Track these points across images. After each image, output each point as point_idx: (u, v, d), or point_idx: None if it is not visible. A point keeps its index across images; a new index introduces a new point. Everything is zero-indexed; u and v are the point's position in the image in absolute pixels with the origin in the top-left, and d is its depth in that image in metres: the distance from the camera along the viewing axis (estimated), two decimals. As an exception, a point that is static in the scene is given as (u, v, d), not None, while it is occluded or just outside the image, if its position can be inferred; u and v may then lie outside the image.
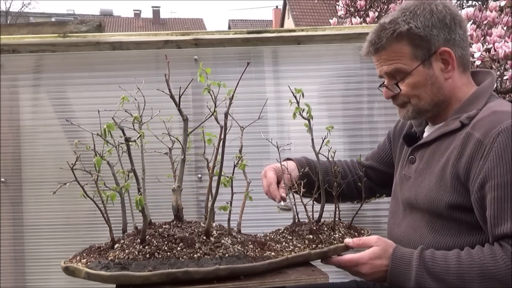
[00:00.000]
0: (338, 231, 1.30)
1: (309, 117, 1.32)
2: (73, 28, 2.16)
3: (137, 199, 1.04)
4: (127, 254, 1.05)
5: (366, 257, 1.16)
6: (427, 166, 1.24)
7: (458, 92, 1.25)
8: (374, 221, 1.91)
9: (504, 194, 1.05)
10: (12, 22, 20.01)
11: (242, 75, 1.15)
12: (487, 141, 1.09)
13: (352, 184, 1.52)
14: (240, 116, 1.35)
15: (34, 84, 1.91)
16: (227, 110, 1.12)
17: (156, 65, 1.90)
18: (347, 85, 1.90)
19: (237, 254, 1.09)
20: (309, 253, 1.19)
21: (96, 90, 1.89)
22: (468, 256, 1.09)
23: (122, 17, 35.28)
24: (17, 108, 1.91)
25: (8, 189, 1.91)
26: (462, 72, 1.26)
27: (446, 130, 1.21)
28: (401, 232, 1.29)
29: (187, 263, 1.03)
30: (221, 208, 1.15)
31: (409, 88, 1.24)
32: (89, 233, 1.90)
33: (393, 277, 1.15)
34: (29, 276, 1.92)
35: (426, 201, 1.20)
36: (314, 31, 1.89)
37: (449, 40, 1.22)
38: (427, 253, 1.13)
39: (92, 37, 1.90)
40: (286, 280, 1.09)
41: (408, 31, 1.21)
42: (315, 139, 1.40)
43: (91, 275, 1.02)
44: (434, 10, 1.22)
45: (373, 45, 1.26)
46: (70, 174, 1.14)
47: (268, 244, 1.20)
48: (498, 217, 1.06)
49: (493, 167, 1.07)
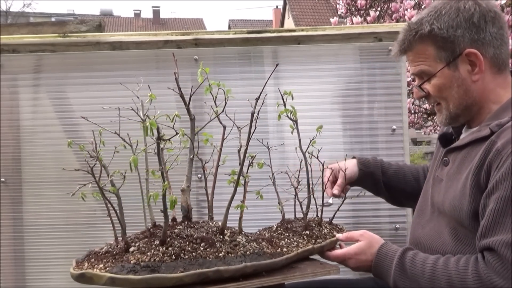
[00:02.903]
0: (325, 227, 1.37)
1: (295, 119, 1.37)
2: (73, 28, 2.15)
3: (172, 199, 1.03)
4: (151, 257, 1.03)
5: (352, 252, 1.24)
6: (457, 171, 1.19)
7: (490, 95, 1.19)
8: (374, 221, 1.91)
9: (504, 208, 1.02)
10: (12, 22, 20.00)
11: (271, 76, 1.21)
12: (505, 151, 1.04)
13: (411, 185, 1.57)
14: (240, 116, 1.35)
15: (34, 84, 1.90)
16: (253, 109, 1.13)
17: (156, 65, 1.90)
18: (347, 85, 1.90)
19: (256, 251, 1.12)
20: (312, 247, 1.25)
21: (96, 90, 1.89)
22: (444, 264, 1.09)
23: (122, 17, 35.28)
24: (17, 108, 1.91)
25: (8, 189, 1.90)
26: (497, 72, 1.19)
27: (477, 136, 1.16)
28: (425, 235, 1.27)
29: (215, 262, 1.04)
30: (237, 207, 1.16)
31: (435, 90, 1.22)
32: (89, 233, 1.90)
33: (376, 273, 1.22)
34: (29, 276, 1.92)
35: (450, 208, 1.16)
36: (314, 31, 1.89)
37: (476, 40, 1.16)
38: (409, 254, 1.16)
39: (92, 37, 1.90)
40: (305, 274, 1.14)
41: (429, 33, 1.17)
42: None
43: (117, 280, 0.98)
44: (461, 9, 1.16)
45: (399, 46, 1.24)
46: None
47: (274, 241, 1.23)
48: (489, 228, 1.03)
49: (502, 179, 1.03)
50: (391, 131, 1.90)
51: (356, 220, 1.90)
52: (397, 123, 1.90)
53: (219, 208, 1.35)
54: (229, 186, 1.27)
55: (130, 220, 1.14)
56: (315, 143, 1.39)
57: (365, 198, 1.88)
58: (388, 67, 1.87)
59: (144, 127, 1.10)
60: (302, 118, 1.82)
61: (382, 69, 1.88)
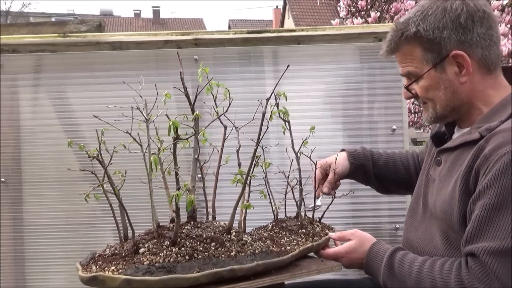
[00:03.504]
0: (317, 226, 1.40)
1: (287, 119, 1.38)
2: (73, 28, 2.16)
3: (190, 199, 1.03)
4: (165, 257, 1.02)
5: (343, 251, 1.27)
6: (447, 173, 1.18)
7: (480, 96, 1.17)
8: (374, 221, 1.91)
9: (488, 215, 1.02)
10: (12, 22, 20.01)
11: (282, 76, 1.22)
12: (492, 158, 1.03)
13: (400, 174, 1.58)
14: (240, 116, 1.35)
15: (34, 84, 1.90)
16: (264, 110, 1.14)
17: (156, 65, 1.90)
18: (347, 85, 1.90)
19: (264, 250, 1.13)
20: (312, 245, 1.27)
21: (96, 90, 1.89)
22: (430, 266, 1.10)
23: (122, 17, 35.29)
24: (17, 108, 1.91)
25: (8, 189, 1.90)
26: (486, 73, 1.17)
27: (467, 139, 1.15)
28: (417, 238, 1.27)
29: (228, 261, 1.05)
30: (244, 207, 1.18)
31: (422, 91, 1.20)
32: (89, 233, 1.90)
33: (367, 271, 1.25)
34: (29, 276, 1.92)
35: (441, 211, 1.16)
36: (314, 31, 1.89)
37: (463, 41, 1.13)
38: (399, 255, 1.18)
39: (92, 37, 1.90)
40: (310, 271, 1.16)
41: (415, 35, 1.15)
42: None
43: (133, 282, 0.96)
44: (447, 9, 1.13)
45: (386, 46, 1.23)
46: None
47: (276, 240, 1.24)
48: (474, 235, 1.04)
49: (488, 186, 1.02)
50: (391, 131, 1.90)
51: (356, 220, 1.90)
52: (397, 123, 1.90)
53: (218, 208, 1.35)
54: (228, 186, 1.27)
55: (131, 221, 1.13)
56: (307, 143, 1.41)
57: (365, 198, 1.88)
58: (388, 67, 1.87)
59: (147, 127, 1.10)
60: (302, 118, 1.83)
61: (382, 69, 1.88)
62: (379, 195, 1.89)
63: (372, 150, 1.58)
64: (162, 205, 1.32)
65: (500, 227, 1.00)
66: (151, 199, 1.10)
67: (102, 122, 1.14)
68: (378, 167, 1.55)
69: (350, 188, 1.65)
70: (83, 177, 1.85)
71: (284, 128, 1.38)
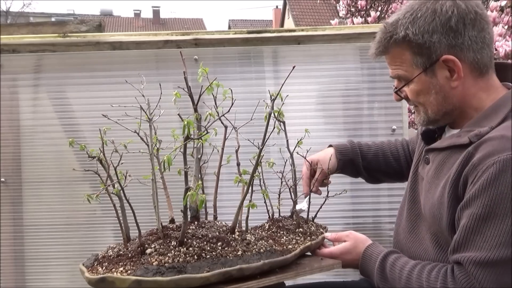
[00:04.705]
0: (312, 225, 1.40)
1: (282, 120, 1.38)
2: (73, 28, 2.16)
3: (202, 198, 1.03)
4: (174, 258, 1.02)
5: (338, 252, 1.28)
6: (435, 175, 1.16)
7: (471, 100, 1.14)
8: (374, 221, 1.91)
9: (475, 225, 1.01)
10: (12, 22, 20.00)
11: (288, 77, 1.20)
12: (480, 167, 1.01)
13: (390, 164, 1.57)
14: (240, 116, 1.35)
15: (34, 84, 1.90)
16: (270, 109, 1.14)
17: (156, 65, 1.90)
18: (347, 85, 1.90)
19: (269, 249, 1.14)
20: (310, 244, 1.28)
21: (96, 90, 1.89)
22: (419, 272, 1.10)
23: (122, 17, 35.28)
24: (17, 108, 1.91)
25: (8, 189, 1.90)
26: (478, 76, 1.12)
27: (456, 142, 1.12)
28: (407, 242, 1.26)
29: (235, 261, 1.05)
30: (249, 206, 1.18)
31: (412, 95, 1.17)
32: (89, 233, 1.90)
33: (362, 273, 1.26)
34: (29, 276, 1.92)
35: (430, 216, 1.15)
36: (314, 31, 1.89)
37: (454, 45, 1.09)
38: (391, 258, 1.18)
39: (92, 37, 1.90)
40: (313, 269, 1.17)
41: (404, 39, 1.11)
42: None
43: (144, 283, 0.96)
44: (437, 11, 1.08)
45: (375, 48, 1.19)
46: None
47: (276, 239, 1.25)
48: (461, 244, 1.03)
49: (476, 196, 1.01)
50: (391, 131, 1.90)
51: (356, 220, 1.90)
52: (397, 123, 1.90)
53: (217, 208, 1.35)
54: (227, 186, 1.27)
55: (131, 221, 1.13)
56: (301, 143, 1.41)
57: (365, 198, 1.89)
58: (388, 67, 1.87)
59: (149, 127, 1.10)
60: (302, 118, 1.83)
61: (382, 69, 1.88)
62: (379, 195, 1.90)
63: (360, 143, 1.56)
64: (161, 206, 1.31)
65: (486, 238, 1.00)
66: (156, 199, 1.10)
67: (102, 122, 1.14)
68: (368, 160, 1.53)
69: (351, 188, 1.65)
70: (83, 177, 1.86)
71: (278, 128, 1.37)
